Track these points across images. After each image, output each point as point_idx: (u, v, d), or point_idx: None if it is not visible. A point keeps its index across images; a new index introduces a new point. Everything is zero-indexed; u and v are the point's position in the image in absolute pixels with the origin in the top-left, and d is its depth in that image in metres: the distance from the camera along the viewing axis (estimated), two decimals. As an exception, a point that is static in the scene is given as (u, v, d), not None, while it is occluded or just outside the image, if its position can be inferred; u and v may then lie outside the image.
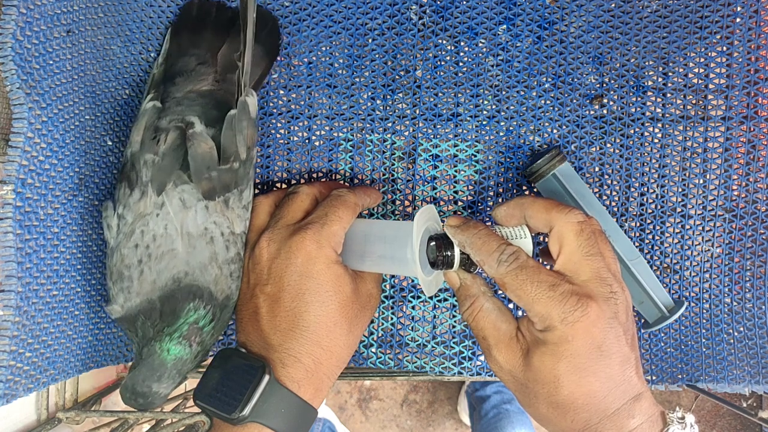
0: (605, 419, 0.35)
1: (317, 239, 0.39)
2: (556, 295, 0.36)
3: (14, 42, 0.37)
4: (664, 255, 0.50)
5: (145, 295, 0.38)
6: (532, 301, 0.36)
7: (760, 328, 0.49)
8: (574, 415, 0.36)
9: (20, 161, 0.37)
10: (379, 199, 0.46)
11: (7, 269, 0.37)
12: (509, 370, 0.38)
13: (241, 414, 0.36)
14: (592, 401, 0.35)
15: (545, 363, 0.36)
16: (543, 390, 0.36)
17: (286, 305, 0.39)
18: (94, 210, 0.44)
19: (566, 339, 0.35)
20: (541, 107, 0.49)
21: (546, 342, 0.36)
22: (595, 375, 0.35)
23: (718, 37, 0.48)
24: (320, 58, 0.49)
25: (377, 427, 1.34)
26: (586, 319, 0.35)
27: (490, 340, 0.38)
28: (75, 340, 0.43)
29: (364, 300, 0.41)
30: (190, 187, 0.39)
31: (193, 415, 0.45)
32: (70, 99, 0.41)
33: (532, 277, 0.37)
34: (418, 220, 0.39)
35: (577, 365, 0.35)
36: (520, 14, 0.49)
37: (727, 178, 0.49)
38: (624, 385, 0.36)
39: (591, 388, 0.35)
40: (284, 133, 0.50)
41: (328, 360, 0.39)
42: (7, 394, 0.37)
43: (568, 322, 0.35)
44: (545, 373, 0.36)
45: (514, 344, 0.38)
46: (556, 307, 0.35)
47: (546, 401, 0.36)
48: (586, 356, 0.35)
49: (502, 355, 0.38)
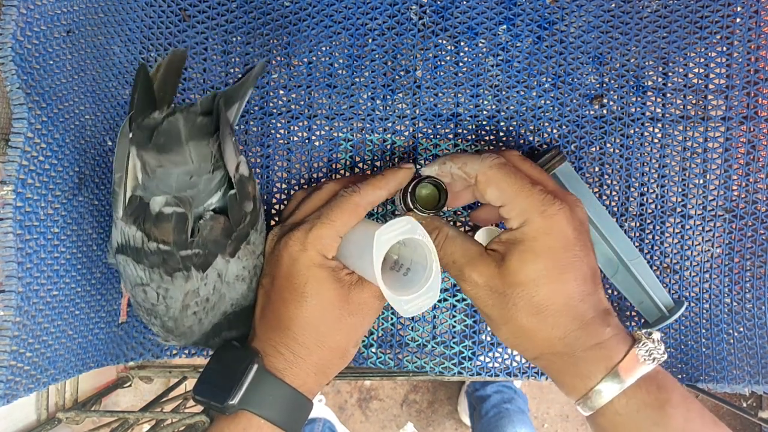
0: (583, 326, 0.36)
1: (302, 241, 0.39)
2: (536, 191, 0.37)
3: (14, 42, 0.37)
4: (664, 255, 0.50)
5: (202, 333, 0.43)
6: (515, 194, 0.37)
7: (760, 328, 0.49)
8: (554, 320, 0.36)
9: (20, 161, 0.37)
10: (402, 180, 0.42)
11: (7, 269, 0.37)
12: (485, 283, 0.38)
13: (230, 402, 0.37)
14: (570, 304, 0.36)
15: (524, 261, 0.37)
16: (523, 293, 0.37)
17: (273, 299, 0.41)
18: (94, 210, 0.44)
19: (545, 231, 0.36)
20: (541, 107, 0.49)
21: (524, 239, 0.37)
22: (571, 273, 0.37)
23: (718, 37, 0.48)
24: (320, 58, 0.49)
25: (377, 427, 1.34)
26: (563, 214, 0.37)
27: (461, 260, 0.39)
28: (75, 340, 0.43)
29: (354, 307, 0.40)
30: (220, 258, 0.40)
31: (193, 415, 0.45)
32: (70, 99, 0.41)
33: (516, 173, 0.38)
34: (379, 235, 0.36)
35: (555, 261, 0.36)
36: (520, 14, 0.49)
37: (727, 178, 0.49)
38: (595, 296, 0.37)
39: (567, 287, 0.36)
40: (284, 133, 0.50)
41: (308, 356, 0.39)
42: (7, 394, 0.37)
43: (547, 214, 0.36)
44: (524, 274, 0.37)
45: (486, 258, 0.38)
46: (536, 199, 0.37)
47: (526, 308, 0.37)
48: (562, 252, 0.36)
49: (475, 270, 0.38)
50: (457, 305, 0.51)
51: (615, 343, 0.36)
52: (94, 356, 0.46)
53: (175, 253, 0.38)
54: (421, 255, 0.38)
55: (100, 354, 0.46)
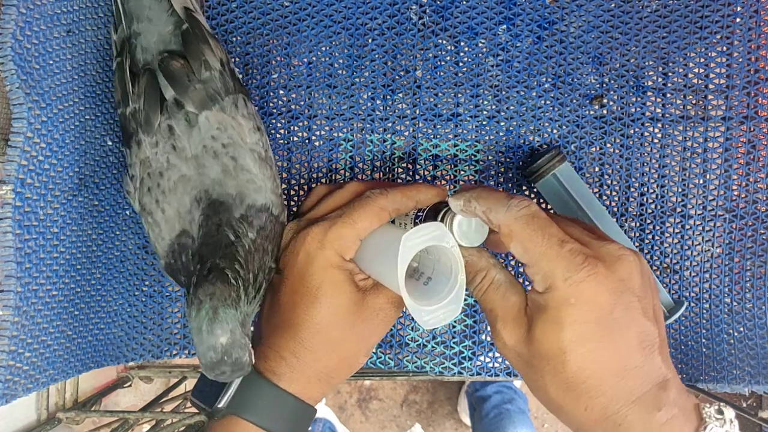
0: (626, 407, 0.30)
1: (320, 239, 0.37)
2: (564, 252, 0.32)
3: (14, 42, 0.37)
4: (664, 255, 0.50)
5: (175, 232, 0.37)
6: (539, 256, 0.32)
7: (760, 328, 0.49)
8: (588, 400, 0.31)
9: (20, 161, 0.37)
10: (433, 197, 0.40)
11: (6, 269, 0.37)
12: (513, 347, 0.34)
13: (218, 406, 0.36)
14: (607, 382, 0.31)
15: (547, 332, 0.32)
16: (548, 367, 0.32)
17: (282, 299, 0.39)
18: (94, 210, 0.44)
19: (569, 301, 0.31)
20: (541, 107, 0.49)
21: (547, 307, 0.32)
22: (607, 348, 0.31)
23: (718, 37, 0.48)
24: (320, 58, 0.49)
25: (377, 427, 1.34)
26: (593, 279, 0.31)
27: (497, 312, 0.35)
28: (75, 340, 0.43)
29: (369, 313, 0.38)
30: (177, 110, 0.37)
31: (193, 415, 0.45)
32: (70, 99, 0.41)
33: (544, 229, 0.32)
34: (406, 240, 0.33)
35: (584, 334, 0.31)
36: (520, 14, 0.49)
37: (727, 178, 0.49)
38: (646, 366, 0.31)
39: (603, 364, 0.31)
40: (284, 133, 0.50)
41: (314, 362, 0.37)
42: (6, 395, 0.37)
43: (572, 281, 0.31)
44: (548, 345, 0.32)
45: (521, 318, 0.34)
46: (561, 264, 0.31)
47: (554, 382, 0.32)
48: (594, 324, 0.31)
49: (507, 329, 0.34)
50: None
51: (670, 429, 0.30)
52: (94, 356, 0.46)
53: (124, 112, 0.36)
54: (445, 264, 0.36)
55: (99, 354, 0.46)
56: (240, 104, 0.39)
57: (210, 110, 0.38)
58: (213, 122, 0.37)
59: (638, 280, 0.32)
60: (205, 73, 0.38)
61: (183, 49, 0.39)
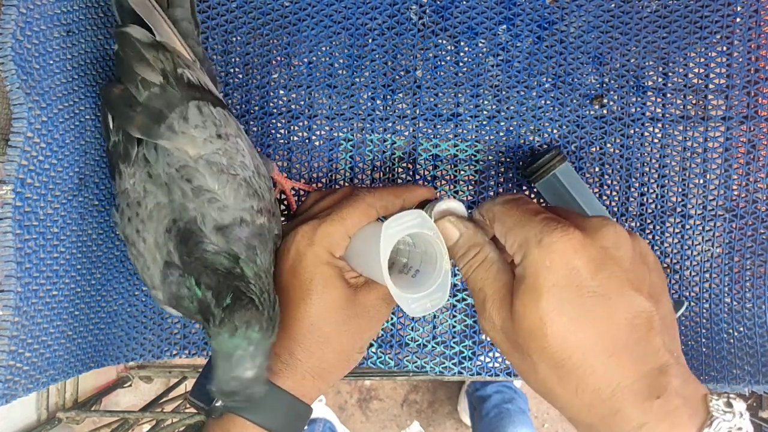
0: (620, 392, 0.27)
1: (310, 236, 0.38)
2: (538, 219, 0.31)
3: (14, 42, 0.37)
4: (664, 255, 0.50)
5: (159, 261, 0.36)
6: (514, 224, 0.32)
7: (760, 328, 0.49)
8: (577, 380, 0.28)
9: (20, 161, 0.37)
10: (420, 196, 0.41)
11: (6, 269, 0.37)
12: (501, 327, 0.32)
13: (215, 405, 0.36)
14: (596, 358, 0.28)
15: (526, 303, 0.30)
16: (533, 344, 0.30)
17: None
18: (94, 210, 0.44)
19: (544, 264, 0.29)
20: (541, 107, 0.49)
21: (524, 276, 0.30)
22: (588, 319, 0.28)
23: (718, 37, 0.48)
24: (320, 58, 0.49)
25: (377, 427, 1.34)
26: (567, 241, 0.29)
27: (487, 291, 0.33)
28: (75, 340, 0.43)
29: (360, 309, 0.39)
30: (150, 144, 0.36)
31: (193, 415, 0.45)
32: (70, 99, 0.41)
33: (522, 205, 0.33)
34: (386, 228, 0.34)
35: (563, 301, 0.29)
36: (520, 14, 0.49)
37: (727, 178, 0.49)
38: (641, 347, 0.28)
39: (586, 335, 0.28)
40: (284, 133, 0.50)
41: (307, 359, 0.38)
42: (6, 395, 0.37)
43: (545, 243, 0.29)
44: (530, 318, 0.29)
45: (510, 297, 0.32)
46: (535, 227, 0.30)
47: (541, 359, 0.30)
48: (573, 290, 0.29)
49: (496, 308, 0.32)
50: (457, 305, 0.51)
51: (670, 424, 0.27)
52: (94, 356, 0.46)
53: (107, 146, 0.36)
54: (431, 255, 0.36)
55: (99, 354, 0.46)
56: (191, 114, 0.37)
57: (162, 133, 0.36)
58: (169, 147, 0.36)
59: (627, 253, 0.30)
60: (144, 92, 0.37)
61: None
